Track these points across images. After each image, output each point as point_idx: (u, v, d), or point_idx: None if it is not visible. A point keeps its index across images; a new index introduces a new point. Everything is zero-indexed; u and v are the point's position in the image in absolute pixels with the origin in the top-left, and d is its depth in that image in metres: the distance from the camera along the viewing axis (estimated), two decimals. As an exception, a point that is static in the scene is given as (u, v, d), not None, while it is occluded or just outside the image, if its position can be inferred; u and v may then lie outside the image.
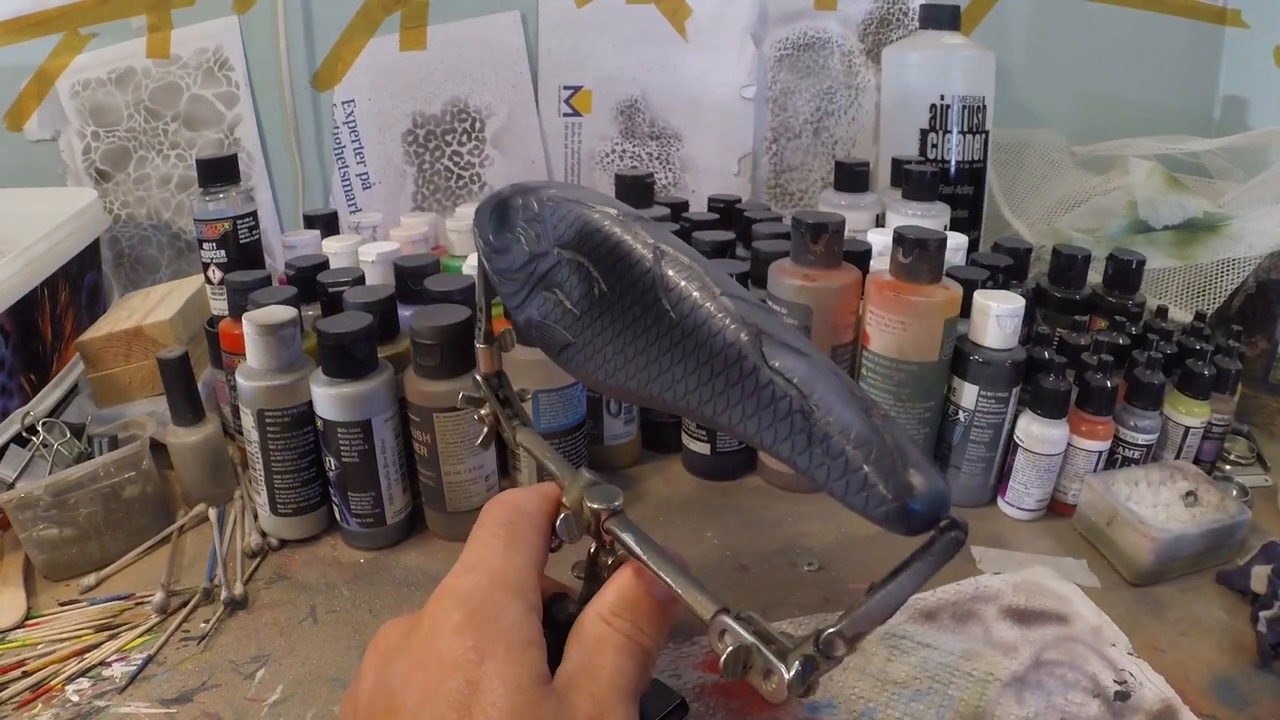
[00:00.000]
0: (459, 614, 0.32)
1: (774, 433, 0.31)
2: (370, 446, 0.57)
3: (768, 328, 0.32)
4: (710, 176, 1.04)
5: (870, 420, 0.29)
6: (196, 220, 0.70)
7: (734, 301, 0.32)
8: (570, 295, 0.38)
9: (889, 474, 0.28)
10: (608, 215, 0.37)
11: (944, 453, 0.64)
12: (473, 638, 0.31)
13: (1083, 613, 0.53)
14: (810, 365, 0.30)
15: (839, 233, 0.61)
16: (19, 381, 0.69)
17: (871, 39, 1.01)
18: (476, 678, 0.30)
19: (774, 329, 0.32)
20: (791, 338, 0.32)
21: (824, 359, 0.31)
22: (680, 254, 0.34)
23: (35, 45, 0.91)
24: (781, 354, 0.31)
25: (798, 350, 0.31)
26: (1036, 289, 0.72)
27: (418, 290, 0.65)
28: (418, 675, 0.31)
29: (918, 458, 0.29)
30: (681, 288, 0.33)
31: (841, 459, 0.29)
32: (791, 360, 0.31)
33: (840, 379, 0.31)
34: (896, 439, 0.29)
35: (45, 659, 0.50)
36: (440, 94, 0.99)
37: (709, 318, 0.32)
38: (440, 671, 0.30)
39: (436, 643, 0.31)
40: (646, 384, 0.35)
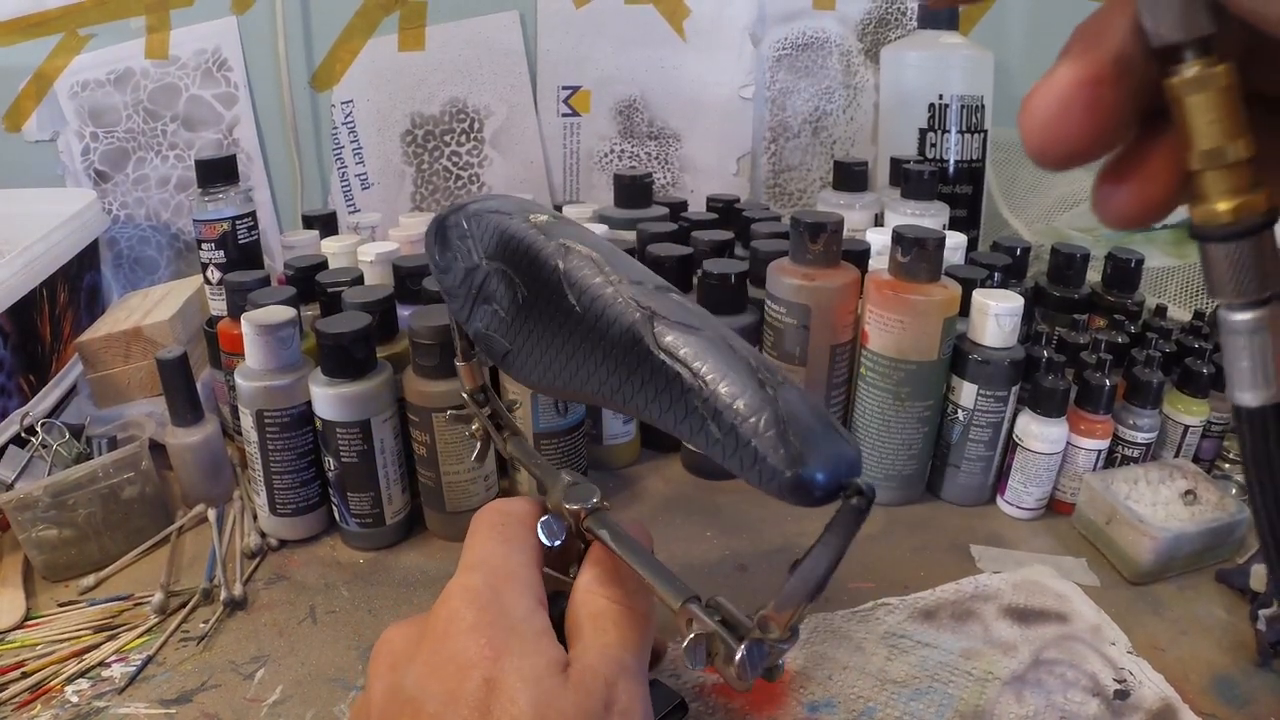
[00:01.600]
0: (470, 613, 0.32)
1: (673, 415, 0.30)
2: (369, 447, 0.57)
3: (660, 309, 0.31)
4: (709, 176, 1.04)
5: (762, 390, 0.28)
6: (195, 221, 0.70)
7: (631, 287, 0.32)
8: (502, 304, 0.38)
9: (778, 444, 0.27)
10: (522, 221, 0.37)
11: (943, 452, 0.64)
12: (486, 635, 0.31)
13: (1082, 611, 0.53)
14: (699, 340, 0.30)
15: (838, 232, 0.61)
16: (18, 382, 0.69)
17: (870, 39, 1.01)
18: (495, 675, 0.30)
19: (667, 309, 0.31)
20: (684, 315, 0.31)
21: (718, 332, 0.31)
22: (584, 247, 0.34)
23: (34, 46, 0.91)
24: (671, 332, 0.30)
25: (687, 326, 0.30)
26: (1035, 288, 0.72)
27: (416, 290, 0.65)
28: (435, 679, 0.31)
29: (812, 423, 0.28)
30: (582, 279, 0.33)
31: (733, 434, 0.28)
32: (679, 338, 0.30)
33: (732, 351, 0.30)
34: (791, 406, 0.28)
35: (44, 660, 0.50)
36: (439, 94, 0.99)
37: (606, 306, 0.32)
38: (458, 673, 0.30)
39: (450, 644, 0.31)
40: (570, 380, 0.35)
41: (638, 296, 0.32)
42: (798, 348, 0.62)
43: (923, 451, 0.64)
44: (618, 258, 0.34)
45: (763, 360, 0.30)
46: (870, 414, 0.63)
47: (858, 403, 0.64)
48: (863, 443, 0.64)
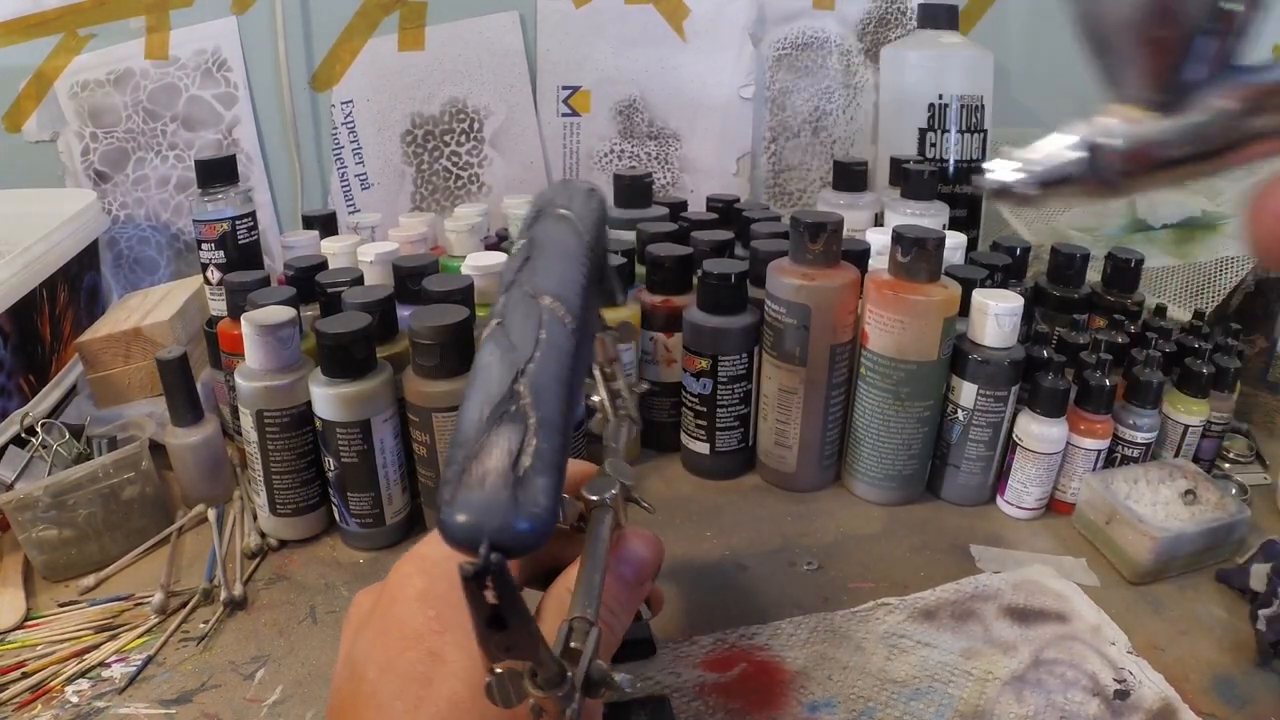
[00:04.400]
0: (420, 581, 0.31)
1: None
2: (369, 447, 0.57)
3: (510, 320, 0.31)
4: (709, 176, 1.04)
5: (482, 422, 0.27)
6: (195, 221, 0.70)
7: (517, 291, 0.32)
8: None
9: (449, 478, 0.26)
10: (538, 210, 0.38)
11: (943, 452, 0.64)
12: (434, 607, 0.30)
13: (1082, 611, 0.53)
14: (494, 359, 0.29)
15: (837, 232, 0.61)
16: (18, 382, 0.69)
17: (870, 38, 1.01)
18: (439, 648, 0.29)
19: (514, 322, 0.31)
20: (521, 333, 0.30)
21: (525, 354, 0.29)
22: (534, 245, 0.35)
23: (34, 46, 0.91)
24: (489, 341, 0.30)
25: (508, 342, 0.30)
26: (1035, 288, 0.72)
27: (416, 290, 0.65)
28: (379, 646, 0.30)
29: (495, 477, 0.26)
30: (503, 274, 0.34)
31: (450, 452, 0.27)
32: (488, 351, 0.30)
33: (500, 373, 0.29)
34: (489, 441, 0.26)
35: (45, 660, 0.50)
36: (439, 94, 0.99)
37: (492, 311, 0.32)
38: (401, 642, 0.30)
39: (396, 610, 0.31)
40: None
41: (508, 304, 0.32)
42: (797, 348, 0.62)
43: (923, 451, 0.64)
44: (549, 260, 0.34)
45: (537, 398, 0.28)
46: (870, 414, 0.63)
47: (858, 403, 0.64)
48: (862, 443, 0.64)
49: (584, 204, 0.40)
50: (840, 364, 0.63)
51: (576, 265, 0.35)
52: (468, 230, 0.78)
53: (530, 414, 0.28)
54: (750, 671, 0.49)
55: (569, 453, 0.29)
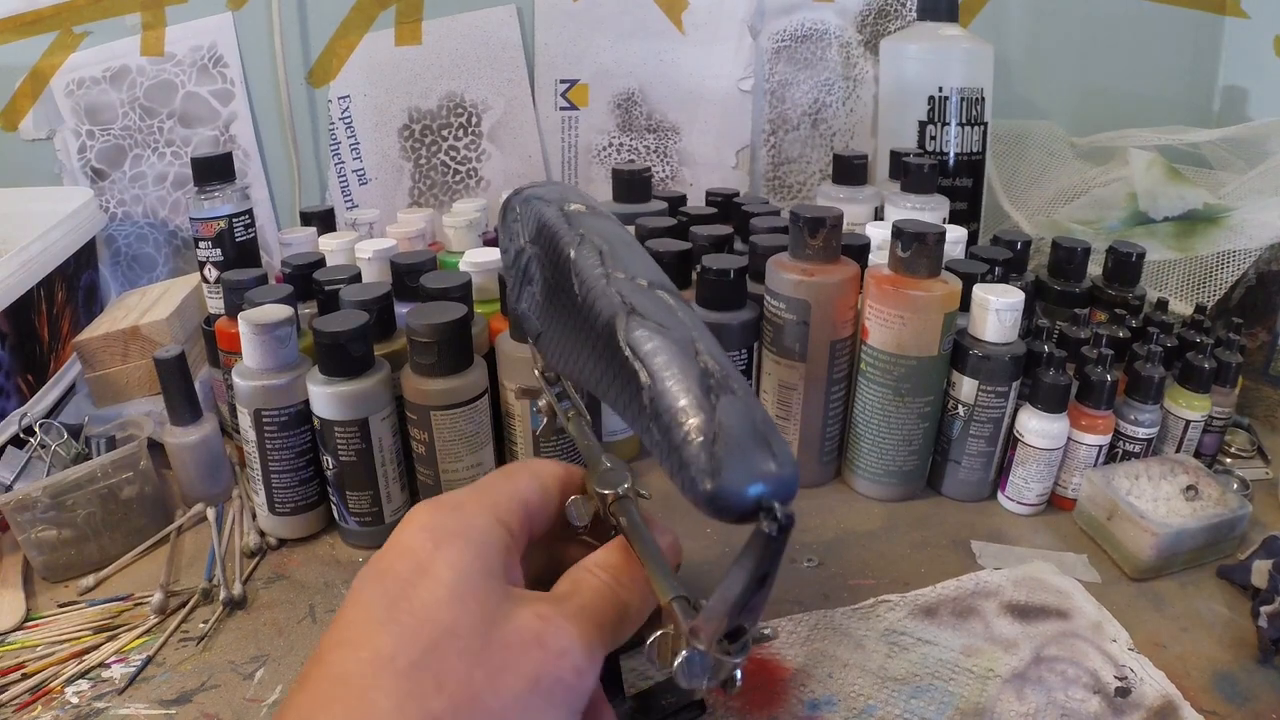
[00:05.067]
0: (425, 514, 0.33)
1: (631, 411, 0.31)
2: (368, 445, 0.57)
3: (640, 304, 0.31)
4: (708, 169, 1.03)
5: (705, 397, 0.28)
6: (192, 219, 0.69)
7: (624, 281, 0.33)
8: (537, 287, 0.39)
9: (701, 454, 0.27)
10: (557, 209, 0.38)
11: (944, 447, 0.64)
12: (432, 532, 0.32)
13: (1083, 608, 0.53)
14: (663, 339, 0.30)
15: (837, 227, 0.61)
16: (16, 382, 0.69)
17: (869, 30, 1.00)
18: (426, 561, 0.31)
19: (646, 305, 0.31)
20: (660, 313, 0.31)
21: (688, 334, 0.30)
22: (598, 237, 0.35)
23: (29, 44, 0.90)
24: (638, 329, 0.30)
25: (658, 325, 0.30)
26: (1036, 282, 0.72)
27: (414, 288, 0.64)
28: (375, 565, 0.32)
29: (744, 438, 0.27)
30: (585, 269, 0.34)
31: (667, 436, 0.28)
32: (645, 334, 0.30)
33: (693, 355, 0.29)
34: (728, 417, 0.27)
35: (45, 661, 0.50)
36: (436, 89, 0.99)
37: (596, 297, 0.33)
38: (394, 555, 0.32)
39: (399, 535, 0.33)
40: (571, 366, 0.36)
41: (624, 291, 0.32)
42: (797, 343, 0.62)
43: (923, 447, 0.64)
44: (627, 251, 0.35)
45: (723, 368, 0.29)
46: (870, 410, 0.63)
47: (858, 398, 0.64)
48: (863, 439, 0.64)
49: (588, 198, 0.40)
50: (840, 359, 0.63)
51: (648, 256, 0.36)
52: (466, 226, 0.78)
53: (732, 383, 0.29)
54: (750, 669, 0.49)
55: None
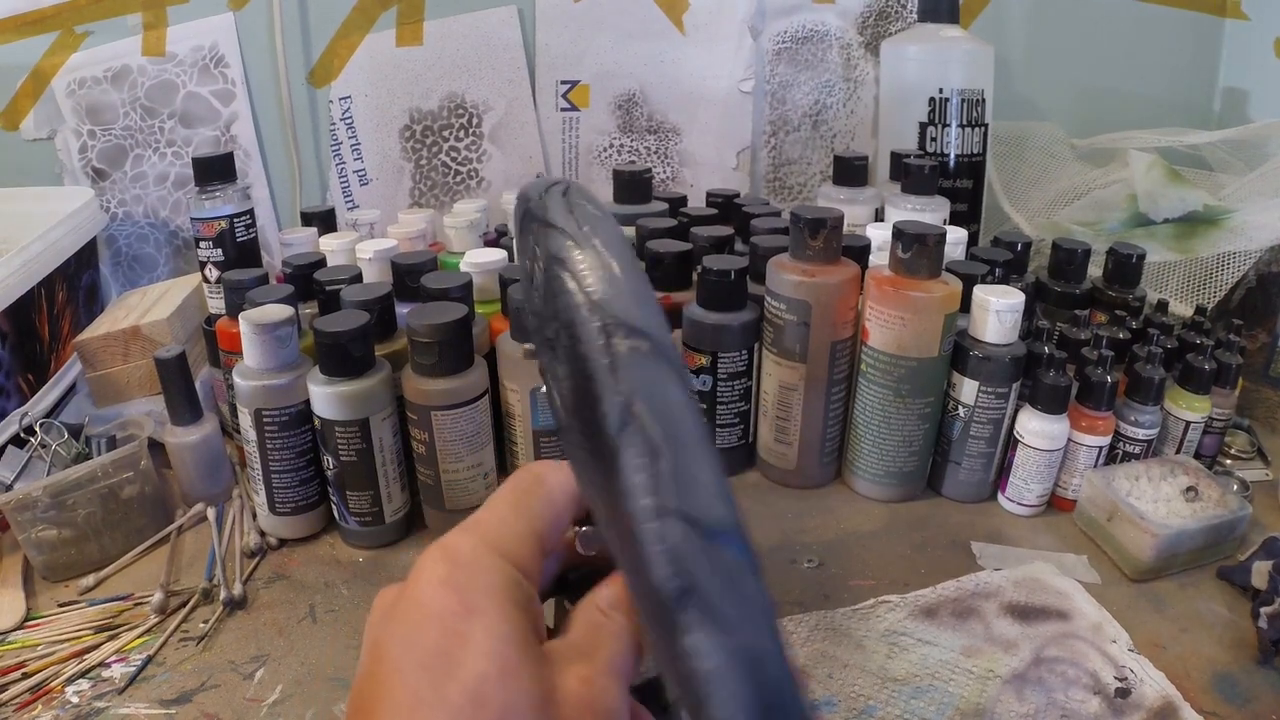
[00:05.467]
0: (443, 568, 0.31)
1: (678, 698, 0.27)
2: (368, 445, 0.57)
3: (702, 582, 0.27)
4: (708, 170, 1.04)
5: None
6: (193, 219, 0.69)
7: (683, 529, 0.27)
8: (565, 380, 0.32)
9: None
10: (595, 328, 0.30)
11: (944, 448, 0.64)
12: (457, 593, 0.30)
13: (1083, 609, 0.53)
14: (726, 656, 0.26)
15: (838, 228, 0.61)
16: (17, 382, 0.69)
17: (870, 32, 1.00)
18: (464, 630, 0.29)
19: (711, 586, 0.27)
20: (726, 603, 0.27)
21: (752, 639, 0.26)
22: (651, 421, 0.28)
23: (30, 44, 0.90)
24: (700, 628, 0.26)
25: (720, 626, 0.26)
26: (1036, 283, 0.72)
27: (415, 288, 0.64)
28: (402, 626, 0.30)
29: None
30: (633, 485, 0.28)
31: None
32: (706, 642, 0.26)
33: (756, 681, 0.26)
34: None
35: (45, 660, 0.50)
36: (437, 89, 0.99)
37: (646, 543, 0.27)
38: (425, 623, 0.29)
39: (419, 594, 0.30)
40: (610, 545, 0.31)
41: (684, 551, 0.27)
42: (798, 344, 0.62)
43: (923, 448, 0.64)
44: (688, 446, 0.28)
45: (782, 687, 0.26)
46: (871, 411, 0.63)
47: (858, 399, 0.64)
48: (863, 440, 0.64)
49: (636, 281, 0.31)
50: (841, 360, 0.63)
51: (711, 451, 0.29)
52: (466, 226, 0.78)
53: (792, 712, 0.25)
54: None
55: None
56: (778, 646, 0.27)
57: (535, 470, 0.36)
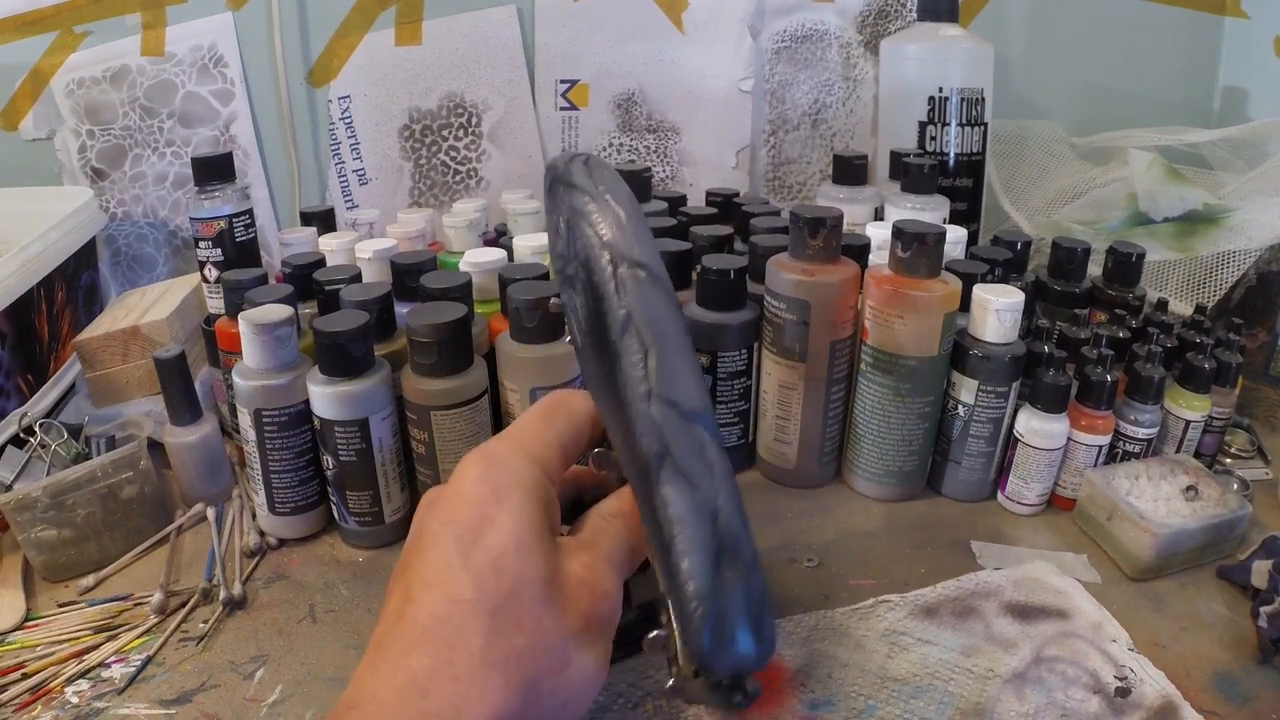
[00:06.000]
0: (480, 466, 0.37)
1: (654, 548, 0.35)
2: (368, 445, 0.57)
3: (675, 446, 0.34)
4: (708, 170, 1.04)
5: (716, 577, 0.32)
6: (192, 219, 0.69)
7: (663, 409, 0.35)
8: (582, 308, 0.40)
9: (702, 633, 0.32)
10: (606, 259, 0.38)
11: (944, 448, 0.64)
12: (489, 485, 0.36)
13: (1083, 608, 0.53)
14: (688, 503, 0.33)
15: (837, 227, 0.61)
16: (16, 382, 0.69)
17: (869, 30, 1.00)
18: (491, 514, 0.35)
19: (681, 452, 0.34)
20: (692, 463, 0.34)
21: (710, 496, 0.33)
22: (644, 328, 0.36)
23: (29, 44, 0.90)
24: (671, 483, 0.33)
25: (688, 481, 0.33)
26: (1036, 282, 0.72)
27: (414, 287, 0.64)
28: (441, 508, 0.36)
29: (738, 624, 0.32)
30: (629, 377, 0.36)
31: (678, 601, 0.33)
32: (675, 493, 0.33)
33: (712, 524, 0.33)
34: (728, 603, 0.32)
35: (44, 661, 0.50)
36: (436, 89, 0.99)
37: (636, 420, 0.35)
38: (460, 503, 0.36)
39: (458, 485, 0.36)
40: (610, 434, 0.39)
41: (664, 424, 0.34)
42: (797, 344, 0.62)
43: (923, 447, 0.64)
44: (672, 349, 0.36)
45: (735, 535, 0.33)
46: (870, 410, 0.63)
47: (858, 398, 0.64)
48: (863, 439, 0.64)
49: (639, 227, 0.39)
50: (840, 360, 0.63)
51: (691, 354, 0.37)
52: (466, 226, 0.78)
53: (742, 552, 0.33)
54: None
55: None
56: (733, 503, 0.35)
57: (561, 394, 0.42)
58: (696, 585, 0.32)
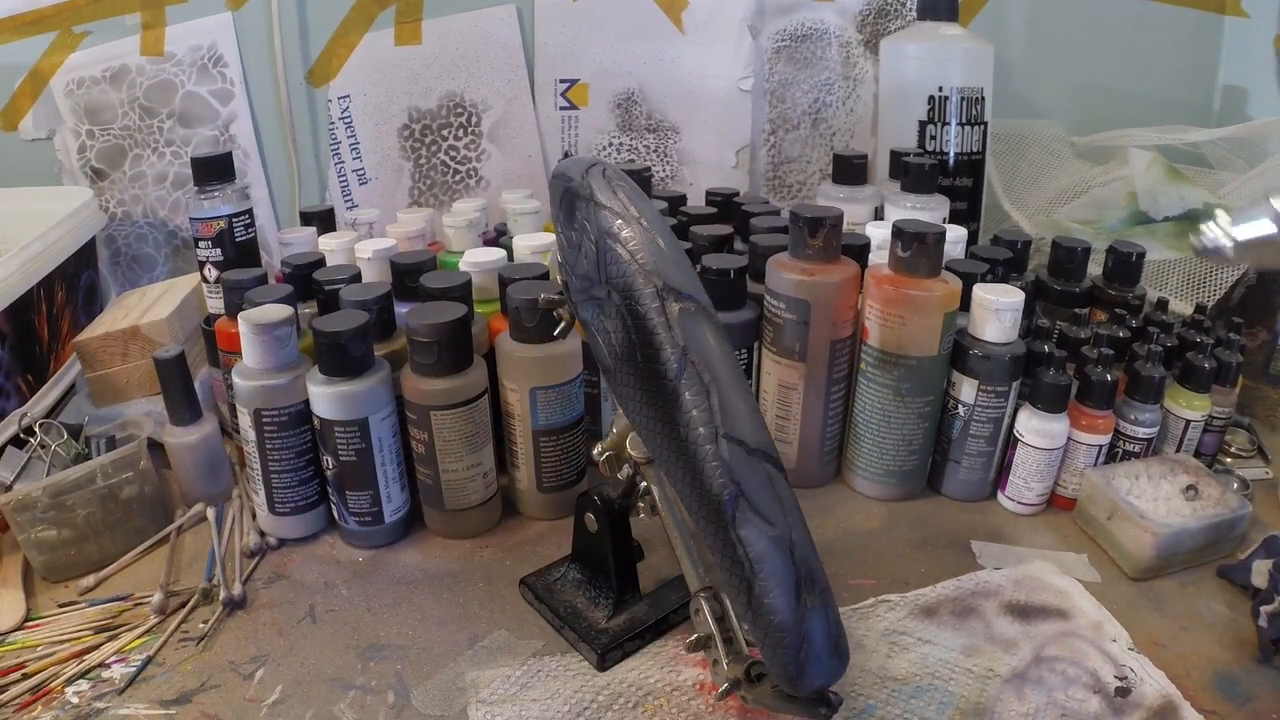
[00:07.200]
0: None
1: (729, 580, 0.36)
2: (367, 445, 0.57)
3: (748, 488, 0.35)
4: (708, 169, 1.03)
5: (798, 608, 0.34)
6: (192, 219, 0.69)
7: (731, 448, 0.35)
8: (615, 333, 0.39)
9: (790, 661, 0.34)
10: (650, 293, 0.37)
11: (943, 447, 0.64)
12: None
13: (1083, 608, 0.53)
14: (768, 541, 0.34)
15: (837, 227, 0.61)
16: (16, 382, 0.69)
17: (869, 30, 1.00)
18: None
19: (754, 490, 0.35)
20: (766, 503, 0.35)
21: (785, 531, 0.35)
22: (702, 366, 0.36)
23: (29, 44, 0.90)
24: (749, 524, 0.35)
25: (765, 521, 0.35)
26: (1036, 282, 0.72)
27: (414, 287, 0.64)
28: None
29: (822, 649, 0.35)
30: (692, 417, 0.36)
31: (763, 631, 0.34)
32: (754, 533, 0.34)
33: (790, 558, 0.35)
34: (812, 630, 0.34)
35: (45, 661, 0.50)
36: (436, 88, 0.98)
37: (705, 460, 0.35)
38: None
39: None
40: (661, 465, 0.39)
41: (733, 464, 0.35)
42: (797, 343, 0.62)
43: (923, 447, 0.64)
44: (731, 390, 0.37)
45: (809, 562, 0.35)
46: (870, 409, 0.63)
47: (858, 398, 0.64)
48: (862, 438, 0.64)
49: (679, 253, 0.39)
50: (840, 359, 0.63)
51: (747, 387, 0.39)
52: (466, 226, 0.78)
53: (817, 578, 0.35)
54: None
55: None
56: (805, 534, 0.35)
57: None
58: (782, 618, 0.34)
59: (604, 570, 0.52)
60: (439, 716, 0.46)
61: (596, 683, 0.48)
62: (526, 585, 0.55)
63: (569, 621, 0.51)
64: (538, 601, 0.54)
